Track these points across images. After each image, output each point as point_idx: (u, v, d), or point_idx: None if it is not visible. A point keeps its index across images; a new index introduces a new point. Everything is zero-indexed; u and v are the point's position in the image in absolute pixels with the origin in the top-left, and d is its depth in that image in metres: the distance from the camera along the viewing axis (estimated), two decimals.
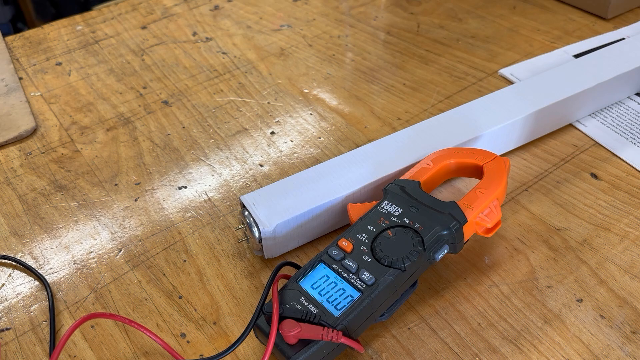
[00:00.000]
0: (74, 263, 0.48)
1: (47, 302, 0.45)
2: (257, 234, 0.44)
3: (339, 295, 0.38)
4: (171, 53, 0.73)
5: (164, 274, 0.47)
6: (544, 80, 0.56)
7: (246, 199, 0.46)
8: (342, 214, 0.47)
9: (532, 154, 0.55)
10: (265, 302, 0.39)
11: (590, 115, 0.59)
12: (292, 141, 0.59)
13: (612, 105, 0.60)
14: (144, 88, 0.67)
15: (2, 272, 0.48)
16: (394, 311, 0.40)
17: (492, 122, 0.52)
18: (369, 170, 0.48)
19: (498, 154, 0.51)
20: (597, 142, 0.56)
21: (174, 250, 0.49)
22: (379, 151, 0.50)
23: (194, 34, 0.77)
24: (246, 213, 0.45)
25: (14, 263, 0.48)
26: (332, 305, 0.38)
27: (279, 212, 0.45)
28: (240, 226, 0.47)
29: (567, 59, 0.67)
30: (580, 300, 0.43)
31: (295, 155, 0.57)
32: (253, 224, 0.45)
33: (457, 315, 0.42)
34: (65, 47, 0.76)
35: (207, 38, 0.76)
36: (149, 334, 0.39)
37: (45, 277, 0.46)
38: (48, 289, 0.45)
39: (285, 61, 0.71)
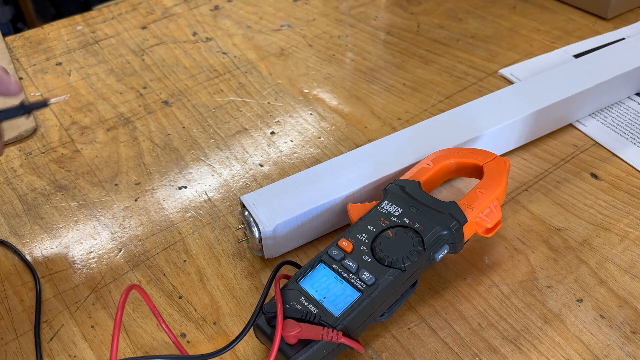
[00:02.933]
0: (74, 263, 0.48)
1: (35, 292, 0.45)
2: (257, 234, 0.44)
3: (339, 295, 0.38)
4: (171, 53, 0.73)
5: (164, 274, 0.47)
6: (544, 80, 0.56)
7: (246, 199, 0.46)
8: (342, 214, 0.47)
9: (532, 154, 0.55)
10: (265, 302, 0.39)
11: (590, 115, 0.59)
12: (292, 141, 0.59)
13: (612, 105, 0.60)
14: (144, 88, 0.67)
15: (1, 272, 0.48)
16: (394, 311, 0.40)
17: (492, 122, 0.52)
18: (369, 170, 0.48)
19: (498, 154, 0.51)
20: (597, 142, 0.56)
21: (174, 250, 0.49)
22: (379, 151, 0.50)
23: (194, 34, 0.77)
24: (246, 213, 0.45)
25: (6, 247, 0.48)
26: (332, 305, 0.37)
27: (279, 212, 0.45)
28: (240, 226, 0.47)
29: (567, 59, 0.67)
30: (580, 300, 0.43)
31: (295, 155, 0.57)
32: (253, 224, 0.45)
33: (457, 315, 0.42)
34: (65, 47, 0.76)
35: (207, 38, 0.76)
36: (164, 326, 0.39)
37: (30, 261, 0.47)
38: (35, 275, 0.46)
39: (285, 61, 0.71)
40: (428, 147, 0.50)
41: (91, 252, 0.49)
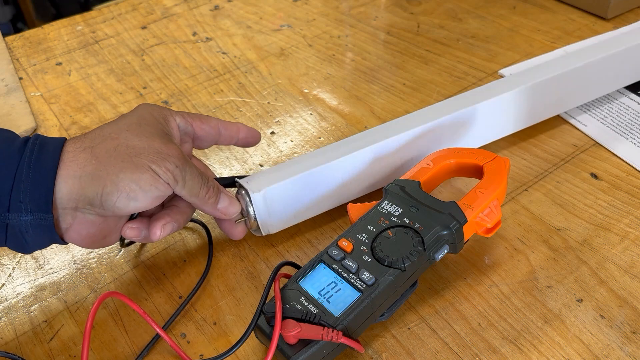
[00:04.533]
0: (74, 263, 0.48)
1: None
2: (252, 212, 0.44)
3: (339, 295, 0.38)
4: (171, 53, 0.73)
5: (164, 274, 0.47)
6: (534, 67, 0.56)
7: (240, 180, 0.46)
8: (337, 188, 0.47)
9: (532, 154, 0.55)
10: (266, 302, 0.39)
11: (589, 114, 0.59)
12: (292, 141, 0.59)
13: (612, 104, 0.60)
14: (144, 88, 0.67)
15: (2, 272, 0.48)
16: (394, 311, 0.40)
17: (482, 98, 0.52)
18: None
19: (497, 151, 0.51)
20: (597, 142, 0.56)
21: (174, 250, 0.49)
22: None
23: (194, 34, 0.77)
24: (242, 192, 0.45)
25: None
26: (332, 305, 0.37)
27: (269, 180, 0.45)
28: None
29: None
30: (580, 300, 0.43)
31: (295, 155, 0.57)
32: (248, 203, 0.44)
33: (457, 315, 0.42)
34: (65, 47, 0.76)
35: (207, 38, 0.76)
36: (156, 328, 0.39)
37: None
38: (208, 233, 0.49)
39: (285, 61, 0.71)
40: (428, 147, 0.49)
41: (91, 252, 0.49)
